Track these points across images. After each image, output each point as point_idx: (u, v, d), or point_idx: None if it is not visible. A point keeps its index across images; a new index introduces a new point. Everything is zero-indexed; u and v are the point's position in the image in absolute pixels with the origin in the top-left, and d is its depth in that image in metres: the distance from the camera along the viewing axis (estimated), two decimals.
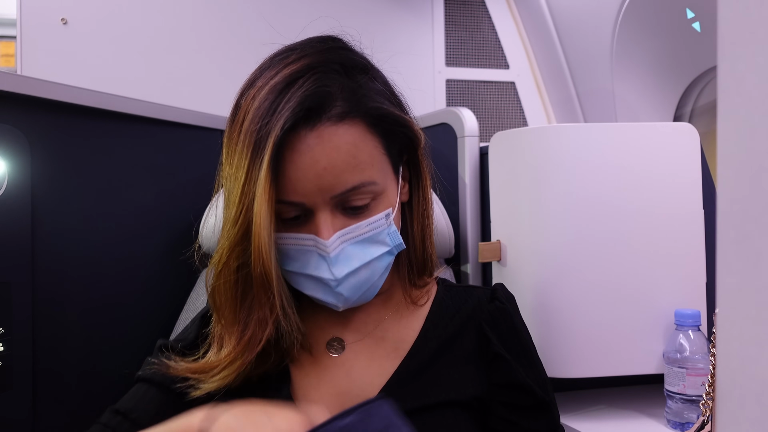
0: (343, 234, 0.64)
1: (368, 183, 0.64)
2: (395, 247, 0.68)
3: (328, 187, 0.62)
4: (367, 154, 0.64)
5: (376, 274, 0.67)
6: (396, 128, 0.67)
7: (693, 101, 1.67)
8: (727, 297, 0.29)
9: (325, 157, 0.61)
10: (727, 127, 0.30)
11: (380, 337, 0.72)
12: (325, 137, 0.61)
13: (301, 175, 0.61)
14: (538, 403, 0.70)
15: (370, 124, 0.64)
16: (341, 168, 0.61)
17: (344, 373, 0.69)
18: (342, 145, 0.62)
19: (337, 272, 0.63)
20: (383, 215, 0.66)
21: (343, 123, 0.62)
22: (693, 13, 1.43)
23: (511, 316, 0.74)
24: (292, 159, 0.61)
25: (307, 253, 0.64)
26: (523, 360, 0.72)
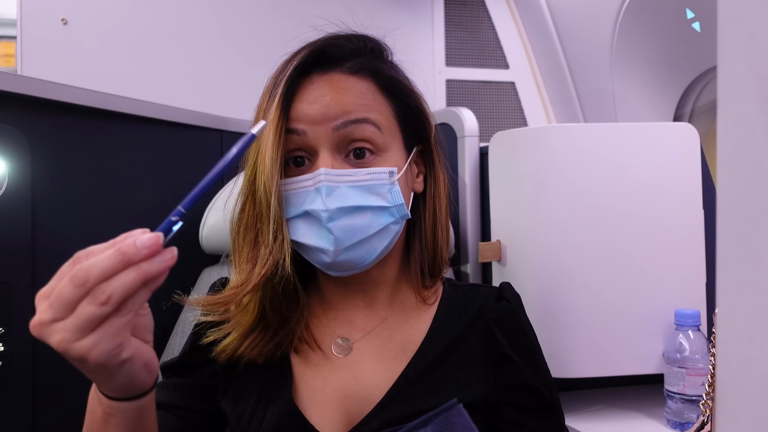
0: (341, 173, 0.64)
1: (372, 121, 0.65)
2: (396, 208, 0.66)
3: (332, 116, 0.64)
4: (375, 105, 0.67)
5: (372, 228, 0.65)
6: (407, 100, 0.70)
7: (693, 101, 1.67)
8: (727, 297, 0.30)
9: (332, 92, 0.65)
10: (727, 127, 0.30)
11: (387, 338, 0.71)
12: (335, 81, 0.66)
13: (306, 105, 0.64)
14: (545, 405, 0.69)
15: (382, 87, 0.68)
16: (345, 101, 0.64)
17: (351, 375, 0.68)
18: (350, 88, 0.65)
19: (329, 203, 0.62)
20: (386, 170, 0.66)
21: (356, 75, 0.67)
22: (693, 13, 1.43)
23: (518, 316, 0.73)
24: (301, 93, 0.65)
25: (306, 193, 0.64)
26: (530, 360, 0.71)
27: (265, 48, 1.84)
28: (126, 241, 0.46)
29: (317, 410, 0.66)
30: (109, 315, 0.45)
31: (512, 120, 2.09)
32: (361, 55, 0.69)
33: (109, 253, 0.45)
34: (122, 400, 0.52)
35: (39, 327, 0.45)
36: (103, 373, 0.48)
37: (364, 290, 0.72)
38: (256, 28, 1.85)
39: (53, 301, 0.45)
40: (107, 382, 0.50)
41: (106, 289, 0.44)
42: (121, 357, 0.47)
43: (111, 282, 0.45)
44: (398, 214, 0.67)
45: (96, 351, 0.45)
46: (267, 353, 0.67)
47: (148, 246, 0.46)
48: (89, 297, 0.44)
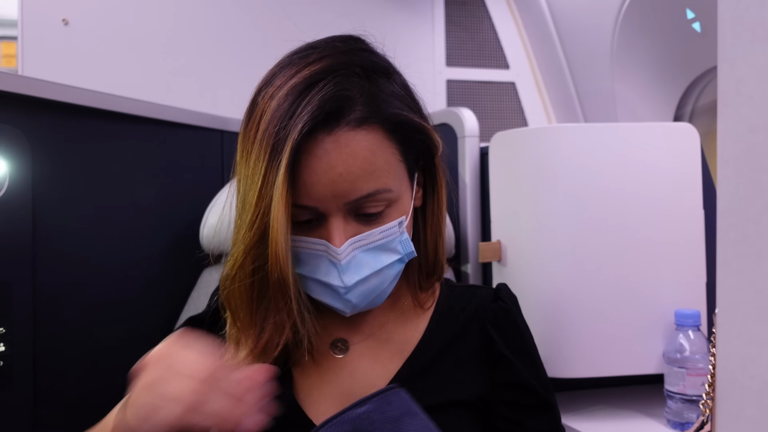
0: (355, 241, 0.63)
1: (383, 190, 0.63)
2: (406, 255, 0.67)
3: (342, 193, 0.61)
4: (384, 160, 0.63)
5: (386, 281, 0.66)
6: (414, 135, 0.66)
7: (693, 101, 1.67)
8: (727, 297, 0.30)
9: (341, 163, 0.60)
10: (727, 127, 0.30)
11: (385, 339, 0.72)
12: (343, 142, 0.60)
13: (316, 180, 0.60)
14: (541, 403, 0.70)
15: (389, 131, 0.63)
16: (357, 174, 0.61)
17: (348, 374, 0.69)
18: (359, 151, 0.61)
19: (347, 280, 0.62)
20: (396, 223, 0.65)
21: (362, 129, 0.61)
22: (693, 14, 1.43)
23: (514, 317, 0.74)
24: (308, 163, 0.60)
25: (318, 257, 0.63)
26: (526, 360, 0.72)
27: (265, 48, 1.84)
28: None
29: (315, 406, 0.67)
30: None
31: (512, 120, 2.09)
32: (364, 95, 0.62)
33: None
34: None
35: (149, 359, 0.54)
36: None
37: None
38: (256, 28, 1.85)
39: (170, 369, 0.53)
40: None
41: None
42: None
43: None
44: (407, 258, 0.68)
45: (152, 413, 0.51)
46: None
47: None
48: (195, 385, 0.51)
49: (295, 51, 0.66)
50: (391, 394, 0.57)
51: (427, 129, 0.68)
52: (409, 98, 0.68)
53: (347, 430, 0.53)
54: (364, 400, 0.56)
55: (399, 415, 0.55)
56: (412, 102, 0.68)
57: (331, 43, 0.66)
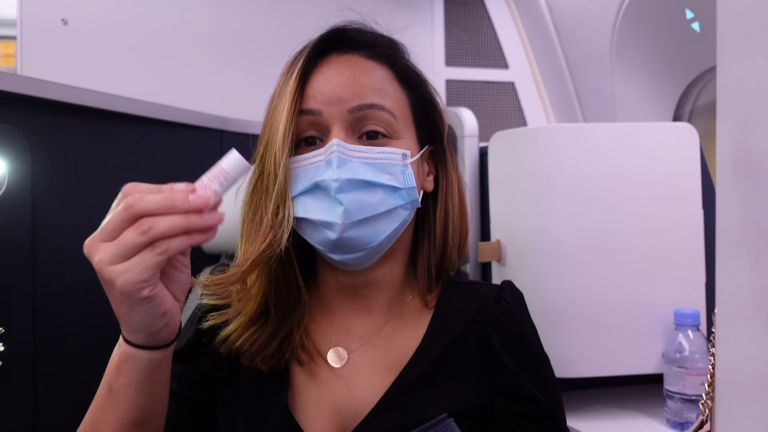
0: (354, 148, 0.62)
1: (387, 109, 0.65)
2: (407, 191, 0.64)
3: (347, 97, 0.63)
4: (391, 92, 0.67)
5: (382, 206, 0.63)
6: (422, 92, 0.70)
7: (692, 101, 1.67)
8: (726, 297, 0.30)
9: (349, 72, 0.65)
10: (726, 127, 0.30)
11: (384, 348, 0.69)
12: (353, 61, 0.66)
13: (323, 84, 0.64)
14: (542, 413, 0.67)
15: (398, 76, 0.68)
16: (363, 83, 0.64)
17: (345, 388, 0.67)
18: (367, 71, 0.66)
19: (340, 173, 0.60)
20: (399, 151, 0.65)
21: (374, 60, 0.67)
22: (692, 13, 1.43)
23: (518, 319, 0.70)
24: (318, 72, 0.65)
25: (316, 168, 0.62)
26: (529, 365, 0.68)
27: (265, 48, 1.84)
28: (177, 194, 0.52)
29: (311, 421, 0.65)
30: (145, 247, 0.50)
31: (512, 120, 2.09)
32: (379, 45, 0.70)
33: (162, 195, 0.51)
34: (136, 347, 0.55)
35: (88, 245, 0.52)
36: (124, 304, 0.52)
37: (364, 294, 0.70)
38: (256, 29, 1.85)
39: (104, 225, 0.51)
40: (127, 315, 0.53)
41: (150, 222, 0.50)
42: (143, 293, 0.51)
43: (157, 218, 0.50)
44: (409, 198, 0.65)
45: (123, 278, 0.50)
46: (270, 357, 0.66)
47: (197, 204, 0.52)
48: (134, 226, 0.50)
49: None
50: (442, 428, 0.57)
51: (432, 90, 0.72)
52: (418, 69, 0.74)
53: None
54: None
55: None
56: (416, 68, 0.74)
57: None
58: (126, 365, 0.56)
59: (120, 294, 0.51)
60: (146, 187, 0.53)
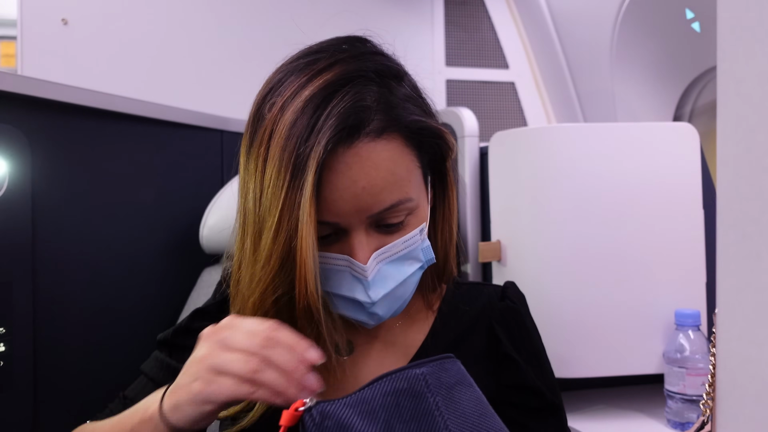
0: (379, 254, 0.61)
1: (405, 200, 0.61)
2: (427, 262, 0.66)
3: (366, 207, 0.59)
4: (405, 169, 0.61)
5: (408, 290, 0.65)
6: (431, 140, 0.65)
7: (693, 101, 1.67)
8: (727, 297, 0.30)
9: (363, 177, 0.58)
10: (727, 127, 0.30)
11: (390, 342, 0.71)
12: (364, 155, 0.58)
13: (338, 196, 0.58)
14: (547, 406, 0.69)
15: (407, 138, 0.62)
16: (380, 186, 0.59)
17: (352, 377, 0.68)
18: (381, 162, 0.59)
19: (373, 295, 0.61)
20: (417, 231, 0.64)
21: (381, 139, 0.59)
22: (693, 14, 1.43)
23: (522, 317, 0.72)
24: (329, 179, 0.57)
25: (340, 273, 0.61)
26: (533, 361, 0.70)
27: (265, 48, 1.84)
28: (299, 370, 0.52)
29: None
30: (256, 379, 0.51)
31: (512, 120, 2.09)
32: (381, 102, 0.60)
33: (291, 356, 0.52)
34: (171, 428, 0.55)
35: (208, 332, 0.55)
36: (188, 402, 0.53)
37: None
38: (256, 28, 1.85)
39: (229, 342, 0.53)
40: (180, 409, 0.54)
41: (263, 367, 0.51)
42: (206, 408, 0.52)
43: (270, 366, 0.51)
44: (427, 265, 0.67)
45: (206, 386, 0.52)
46: None
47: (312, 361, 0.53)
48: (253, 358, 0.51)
49: (299, 55, 0.63)
50: (448, 362, 0.57)
51: (443, 133, 0.66)
52: (421, 100, 0.66)
53: (403, 386, 0.54)
54: (421, 363, 0.56)
55: (453, 383, 0.56)
56: (424, 104, 0.66)
57: (337, 46, 0.63)
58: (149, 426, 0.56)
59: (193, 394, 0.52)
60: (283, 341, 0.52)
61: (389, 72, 0.63)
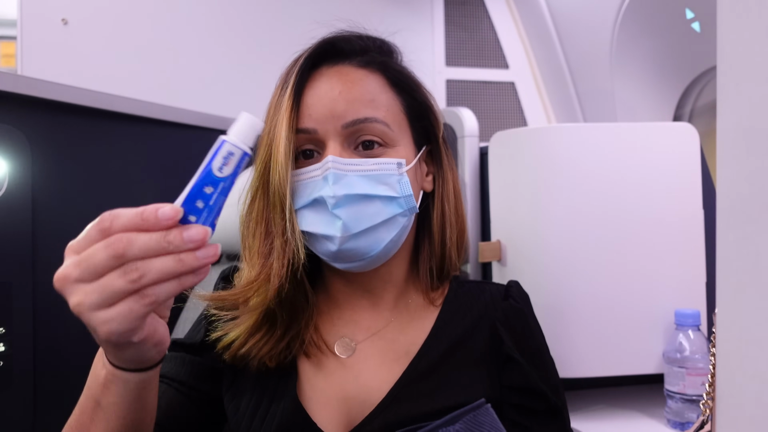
0: (349, 161, 0.64)
1: (381, 120, 0.65)
2: (405, 200, 0.65)
3: (340, 113, 0.64)
4: (384, 101, 0.67)
5: (380, 216, 0.64)
6: (415, 96, 0.71)
7: (693, 101, 1.67)
8: (727, 297, 0.30)
9: (340, 85, 0.65)
10: (727, 127, 0.30)
11: (392, 339, 0.70)
12: (344, 73, 0.67)
13: (316, 100, 0.65)
14: (549, 408, 0.68)
15: (391, 81, 0.69)
16: (355, 96, 0.65)
17: (353, 377, 0.68)
18: (358, 81, 0.66)
19: (336, 190, 0.62)
20: (394, 160, 0.66)
21: (365, 69, 0.68)
22: (693, 14, 1.43)
23: (525, 316, 0.72)
24: (311, 87, 0.66)
25: (314, 183, 0.64)
26: (536, 362, 0.70)
27: (266, 48, 1.84)
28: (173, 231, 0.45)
29: (320, 410, 0.66)
30: (132, 293, 0.44)
31: (512, 120, 2.09)
32: (370, 52, 0.70)
33: (154, 237, 0.45)
34: (125, 370, 0.52)
35: (62, 281, 0.45)
36: (109, 346, 0.49)
37: (370, 290, 0.72)
38: (256, 29, 1.85)
39: (83, 261, 0.44)
40: (113, 352, 0.51)
41: (141, 268, 0.44)
42: (132, 339, 0.47)
43: (148, 263, 0.44)
44: (406, 206, 0.66)
45: (107, 327, 0.45)
46: (277, 355, 0.67)
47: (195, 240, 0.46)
48: (120, 270, 0.44)
49: None
50: (481, 414, 0.56)
51: (426, 92, 0.72)
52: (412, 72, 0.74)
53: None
54: (455, 417, 0.55)
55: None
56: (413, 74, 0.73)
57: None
58: (114, 385, 0.53)
59: (105, 341, 0.47)
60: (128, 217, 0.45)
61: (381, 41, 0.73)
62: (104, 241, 0.44)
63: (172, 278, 0.45)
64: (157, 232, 0.45)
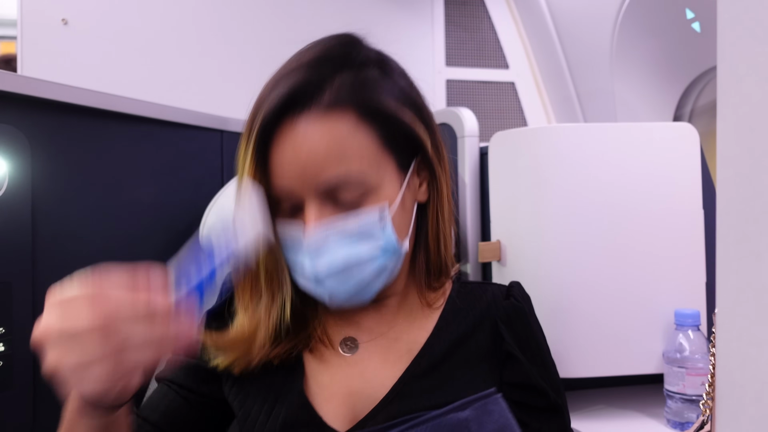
0: (327, 225, 0.61)
1: (355, 175, 0.61)
2: (390, 247, 0.64)
3: (311, 176, 0.60)
4: (357, 146, 0.61)
5: (366, 271, 0.64)
6: (393, 122, 0.64)
7: (693, 101, 1.67)
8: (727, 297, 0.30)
9: (307, 145, 0.60)
10: (727, 127, 0.30)
11: (394, 339, 0.71)
12: (310, 125, 0.60)
13: (285, 162, 0.61)
14: (550, 406, 0.69)
15: (364, 116, 0.62)
16: (323, 157, 0.60)
17: (357, 372, 0.69)
18: (325, 134, 0.60)
19: (318, 265, 0.62)
20: (376, 210, 0.63)
21: (331, 112, 0.61)
22: (693, 14, 1.43)
23: (527, 316, 0.73)
24: (277, 145, 0.61)
25: (297, 242, 0.63)
26: (537, 361, 0.70)
27: (265, 48, 1.84)
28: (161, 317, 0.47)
29: (325, 404, 0.67)
30: (113, 356, 0.45)
31: (512, 120, 2.09)
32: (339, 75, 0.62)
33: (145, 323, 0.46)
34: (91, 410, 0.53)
35: (45, 334, 0.46)
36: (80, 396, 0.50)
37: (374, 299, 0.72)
38: (256, 28, 1.85)
39: (69, 337, 0.44)
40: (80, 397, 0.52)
41: (125, 341, 0.45)
42: (108, 398, 0.48)
43: (132, 334, 0.45)
44: (393, 253, 0.65)
45: (84, 387, 0.46)
46: (283, 355, 0.68)
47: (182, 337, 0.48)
48: (104, 336, 0.44)
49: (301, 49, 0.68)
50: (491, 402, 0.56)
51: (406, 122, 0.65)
52: (401, 89, 0.67)
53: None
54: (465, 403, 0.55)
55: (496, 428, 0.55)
56: (403, 95, 0.66)
57: (324, 38, 0.67)
58: (86, 418, 0.53)
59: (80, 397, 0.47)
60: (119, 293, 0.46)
61: (364, 60, 0.65)
62: (96, 329, 0.44)
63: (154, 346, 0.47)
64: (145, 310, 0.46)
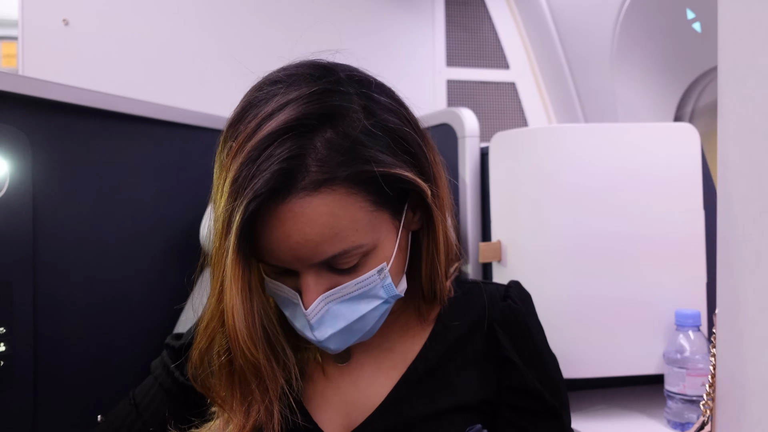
0: (328, 296, 0.59)
1: (351, 249, 0.58)
2: (392, 298, 0.63)
3: (304, 258, 0.57)
4: (349, 220, 0.57)
5: (369, 324, 0.63)
6: (384, 180, 0.58)
7: (693, 101, 1.67)
8: (727, 297, 0.30)
9: (296, 232, 0.55)
10: (727, 127, 0.30)
11: (387, 348, 0.70)
12: (297, 211, 0.55)
13: (275, 247, 0.56)
14: (548, 409, 0.68)
15: (354, 185, 0.56)
16: (316, 241, 0.56)
17: (351, 382, 0.68)
18: (316, 218, 0.55)
19: (319, 335, 0.60)
20: (375, 272, 0.60)
21: (319, 192, 0.55)
22: (693, 14, 1.43)
23: (524, 317, 0.71)
24: (264, 231, 0.56)
25: (294, 306, 0.61)
26: (535, 363, 0.69)
27: (265, 48, 1.84)
28: None
29: (321, 412, 0.67)
30: None
31: (512, 120, 2.09)
32: (321, 139, 0.55)
33: None
34: None
35: None
36: None
37: None
38: (256, 29, 1.85)
39: None
40: None
41: None
42: None
43: None
44: (393, 299, 0.63)
45: None
46: None
47: None
48: None
49: (264, 81, 0.60)
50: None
51: (398, 174, 0.59)
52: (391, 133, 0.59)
53: None
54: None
55: None
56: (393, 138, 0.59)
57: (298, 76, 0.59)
58: None
59: None
60: None
61: (341, 109, 0.57)
62: None
63: None
64: None
